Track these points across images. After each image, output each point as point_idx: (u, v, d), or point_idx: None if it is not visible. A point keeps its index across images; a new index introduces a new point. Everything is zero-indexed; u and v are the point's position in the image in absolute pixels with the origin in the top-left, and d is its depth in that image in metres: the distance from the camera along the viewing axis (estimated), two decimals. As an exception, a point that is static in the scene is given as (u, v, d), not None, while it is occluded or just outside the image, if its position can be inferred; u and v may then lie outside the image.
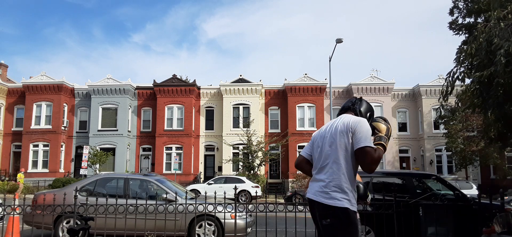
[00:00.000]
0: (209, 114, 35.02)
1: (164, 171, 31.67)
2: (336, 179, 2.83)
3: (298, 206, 6.59)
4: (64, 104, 33.97)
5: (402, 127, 34.38)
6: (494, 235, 4.91)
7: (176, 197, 7.02)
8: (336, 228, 2.78)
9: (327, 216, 2.81)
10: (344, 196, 2.80)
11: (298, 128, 32.77)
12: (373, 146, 2.83)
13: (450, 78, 7.75)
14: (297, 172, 29.34)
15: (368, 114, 3.19)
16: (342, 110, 3.25)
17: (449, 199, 7.57)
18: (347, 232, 2.78)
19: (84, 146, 30.09)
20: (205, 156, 34.71)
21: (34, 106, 33.38)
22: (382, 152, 2.90)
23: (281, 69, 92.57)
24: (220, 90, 34.02)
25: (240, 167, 29.98)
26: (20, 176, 26.33)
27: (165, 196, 8.41)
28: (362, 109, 3.17)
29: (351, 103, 3.24)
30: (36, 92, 33.42)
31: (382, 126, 3.08)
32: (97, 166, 29.97)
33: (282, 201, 21.47)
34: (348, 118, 2.98)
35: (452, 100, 9.88)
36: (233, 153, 32.15)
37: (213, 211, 7.38)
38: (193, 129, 33.41)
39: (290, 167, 31.64)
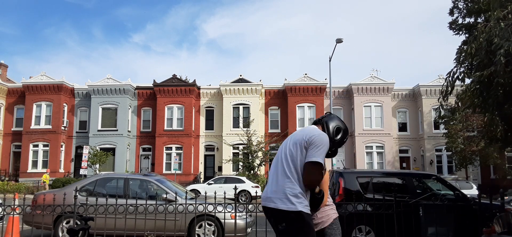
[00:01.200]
0: (209, 114, 35.00)
1: (164, 171, 31.65)
2: (290, 186, 2.84)
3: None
4: (64, 104, 33.96)
5: (402, 127, 34.38)
6: (494, 235, 4.91)
7: (176, 197, 7.02)
8: (291, 232, 2.82)
9: (282, 221, 2.84)
10: (297, 200, 2.82)
11: (298, 128, 32.74)
12: (321, 163, 2.84)
13: (450, 78, 7.74)
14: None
15: (336, 130, 3.14)
16: (313, 124, 3.28)
17: (449, 199, 7.56)
18: (303, 234, 2.81)
19: (84, 146, 30.07)
20: (205, 156, 34.70)
21: (34, 106, 33.37)
22: (321, 180, 2.96)
23: (281, 69, 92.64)
24: (220, 90, 34.01)
25: (240, 167, 29.96)
26: (45, 177, 26.49)
27: (165, 196, 8.40)
28: (330, 126, 3.13)
29: (320, 118, 3.26)
30: (36, 92, 33.41)
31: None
32: (97, 166, 29.96)
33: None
34: (310, 130, 3.00)
35: (452, 100, 9.86)
36: (233, 153, 32.13)
37: (213, 211, 7.37)
38: (193, 129, 33.40)
39: (290, 167, 31.58)
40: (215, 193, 7.26)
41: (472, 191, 20.72)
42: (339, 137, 3.14)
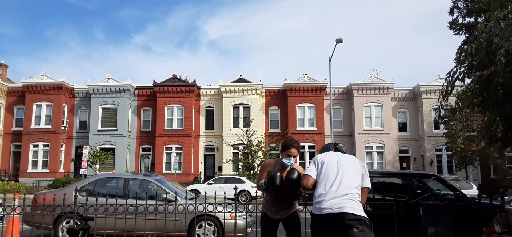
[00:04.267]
0: (209, 114, 34.99)
1: (164, 171, 31.64)
2: (358, 197, 3.64)
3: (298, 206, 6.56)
4: (64, 104, 33.95)
5: (402, 127, 34.36)
6: (494, 235, 4.91)
7: (176, 197, 7.01)
8: (366, 233, 3.47)
9: (358, 225, 3.43)
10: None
11: (298, 128, 32.75)
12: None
13: (450, 78, 7.72)
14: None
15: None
16: (331, 149, 4.07)
17: (449, 199, 7.55)
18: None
19: (84, 146, 30.06)
20: (205, 156, 34.69)
21: (34, 106, 33.35)
22: None
23: (281, 69, 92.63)
24: (220, 90, 34.00)
25: (240, 167, 29.95)
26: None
27: (165, 196, 8.39)
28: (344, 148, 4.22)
29: (335, 148, 4.09)
30: (36, 92, 33.39)
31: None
32: (97, 166, 29.94)
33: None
34: (358, 161, 3.94)
35: (452, 100, 9.85)
36: (233, 153, 32.13)
37: (213, 211, 7.37)
38: (193, 129, 33.39)
39: (290, 167, 31.58)
40: (215, 193, 7.26)
41: (472, 191, 20.73)
42: None
